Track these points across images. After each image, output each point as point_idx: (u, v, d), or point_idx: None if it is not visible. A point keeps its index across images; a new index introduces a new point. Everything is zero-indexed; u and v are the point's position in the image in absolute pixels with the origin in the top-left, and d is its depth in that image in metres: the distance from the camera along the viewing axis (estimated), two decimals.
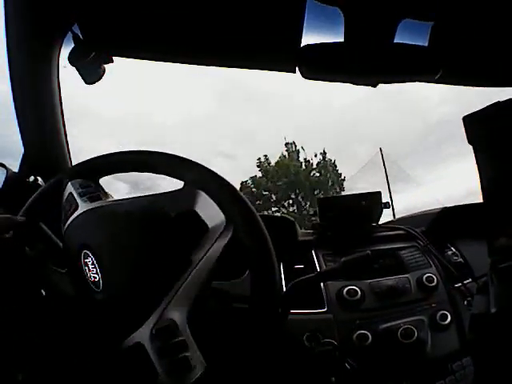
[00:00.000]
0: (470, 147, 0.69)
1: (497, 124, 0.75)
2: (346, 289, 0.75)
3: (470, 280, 0.85)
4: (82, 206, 0.52)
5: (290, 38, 0.74)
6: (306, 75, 0.75)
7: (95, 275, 0.48)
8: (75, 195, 0.54)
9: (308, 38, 0.76)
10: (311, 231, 0.88)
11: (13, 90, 0.85)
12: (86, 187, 0.55)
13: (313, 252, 0.83)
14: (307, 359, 0.65)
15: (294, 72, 0.77)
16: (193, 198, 0.48)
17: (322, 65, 0.75)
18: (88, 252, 0.49)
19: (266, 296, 0.48)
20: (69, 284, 0.54)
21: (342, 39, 0.76)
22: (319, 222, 0.86)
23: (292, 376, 0.65)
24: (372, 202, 0.86)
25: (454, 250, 0.88)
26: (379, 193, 0.88)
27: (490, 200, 0.77)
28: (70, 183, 0.55)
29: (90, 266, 0.49)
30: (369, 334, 0.72)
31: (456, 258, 0.86)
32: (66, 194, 0.55)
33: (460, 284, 0.82)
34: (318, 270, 0.77)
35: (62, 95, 0.90)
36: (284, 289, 0.62)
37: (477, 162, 0.77)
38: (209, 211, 0.48)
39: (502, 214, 0.77)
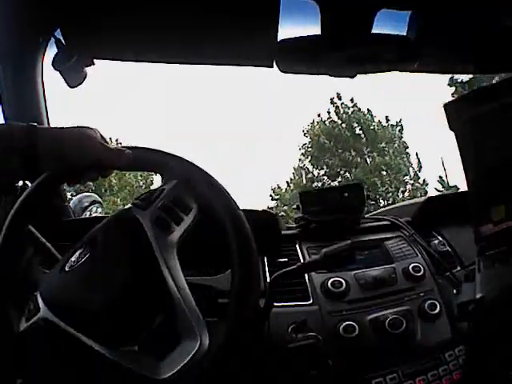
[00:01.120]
0: None
1: (477, 111, 0.75)
2: (330, 280, 0.75)
3: (459, 269, 0.84)
4: None
5: (266, 33, 0.75)
6: (284, 69, 0.76)
7: None
8: None
9: (284, 33, 0.76)
10: (295, 225, 0.89)
11: None
12: None
13: (296, 245, 0.83)
14: (289, 352, 0.65)
15: (272, 67, 0.78)
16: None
17: (299, 58, 0.76)
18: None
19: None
20: None
21: (318, 32, 0.76)
22: (302, 215, 0.87)
23: (273, 369, 0.66)
24: (355, 194, 0.86)
25: (440, 239, 0.87)
26: (361, 184, 0.88)
27: (473, 187, 0.77)
28: None
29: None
30: (355, 324, 0.71)
31: (443, 246, 0.86)
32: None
33: (448, 273, 0.82)
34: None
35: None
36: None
37: (459, 149, 0.77)
38: None
39: (486, 200, 0.77)
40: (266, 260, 0.77)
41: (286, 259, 0.77)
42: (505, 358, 0.70)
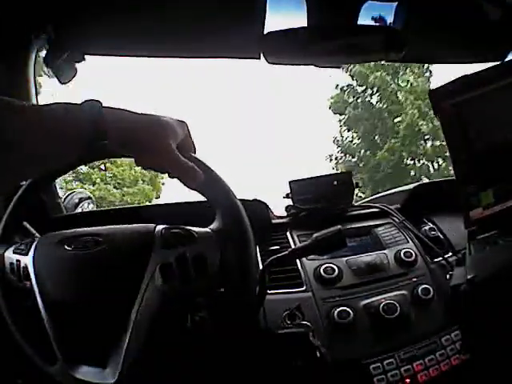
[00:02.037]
0: None
1: (462, 97, 0.76)
2: (322, 267, 0.76)
3: (450, 254, 0.85)
4: None
5: (253, 26, 0.76)
6: (271, 61, 0.77)
7: None
8: None
9: (271, 24, 0.78)
10: (285, 214, 0.89)
11: None
12: None
13: (287, 233, 0.84)
14: (278, 339, 0.66)
15: (259, 58, 0.79)
16: None
17: (286, 50, 0.77)
18: None
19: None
20: None
21: (305, 23, 0.78)
22: (292, 204, 0.87)
23: (262, 356, 0.66)
24: (344, 182, 0.87)
25: (430, 225, 0.88)
26: (350, 173, 0.89)
27: (461, 173, 0.78)
28: None
29: None
30: (349, 310, 0.71)
31: (434, 232, 0.86)
32: None
33: (441, 258, 0.83)
34: None
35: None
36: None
37: (444, 135, 0.78)
38: None
39: (474, 186, 0.78)
40: (257, 248, 0.78)
41: (277, 247, 0.78)
42: (498, 339, 0.70)
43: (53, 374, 0.48)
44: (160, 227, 0.55)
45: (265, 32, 0.77)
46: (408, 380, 0.68)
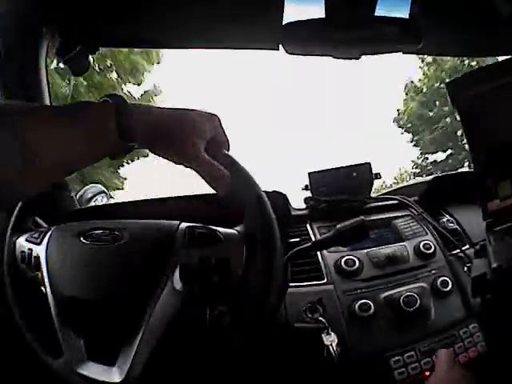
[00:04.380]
0: None
1: (479, 89, 0.76)
2: (343, 259, 0.75)
3: (468, 246, 0.85)
4: None
5: (272, 16, 0.75)
6: (290, 51, 0.76)
7: None
8: None
9: (290, 15, 0.77)
10: (304, 206, 0.89)
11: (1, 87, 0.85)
12: None
13: (307, 225, 0.83)
14: (294, 332, 0.65)
15: (278, 49, 0.78)
16: None
17: (304, 40, 0.77)
18: None
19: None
20: None
21: (323, 14, 0.77)
22: (311, 195, 0.87)
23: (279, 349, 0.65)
24: (363, 174, 0.86)
25: (448, 217, 0.88)
26: (369, 164, 0.89)
27: (479, 164, 0.78)
28: None
29: None
30: (370, 303, 0.71)
31: (452, 224, 0.86)
32: None
33: (458, 250, 0.82)
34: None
35: None
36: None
37: (463, 127, 0.78)
38: None
39: (492, 177, 0.78)
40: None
41: (297, 239, 0.77)
42: None
43: (56, 368, 0.47)
44: (184, 225, 0.53)
45: (283, 23, 0.76)
46: (427, 373, 0.67)
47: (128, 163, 6.26)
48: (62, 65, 0.87)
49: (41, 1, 0.79)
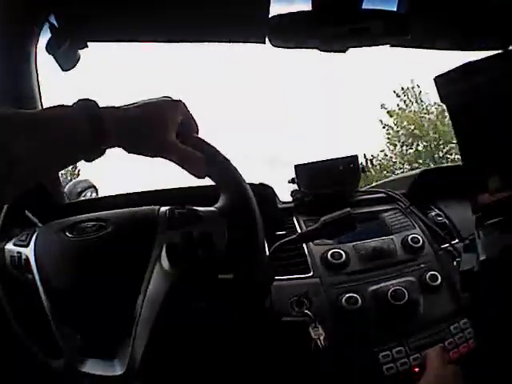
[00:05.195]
0: None
1: (467, 83, 0.76)
2: (330, 252, 0.75)
3: (457, 241, 0.84)
4: None
5: (257, 9, 0.75)
6: (276, 44, 0.77)
7: None
8: None
9: (276, 8, 0.77)
10: (291, 199, 0.88)
11: None
12: None
13: (294, 218, 0.83)
14: (281, 326, 0.65)
15: (264, 43, 0.78)
16: None
17: (291, 33, 0.77)
18: None
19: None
20: None
21: (309, 7, 0.77)
22: (298, 188, 0.86)
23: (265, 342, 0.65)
24: (350, 167, 0.86)
25: (437, 211, 0.88)
26: (356, 156, 0.88)
27: (468, 158, 0.78)
28: None
29: None
30: (357, 296, 0.71)
31: (440, 218, 0.86)
32: None
33: (448, 245, 0.82)
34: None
35: None
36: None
37: (452, 121, 0.78)
38: None
39: (481, 171, 0.78)
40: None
41: (283, 232, 0.77)
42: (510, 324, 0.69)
43: (57, 368, 0.47)
44: (164, 208, 0.54)
45: (269, 16, 0.76)
46: (417, 369, 0.66)
47: None
48: None
49: None
